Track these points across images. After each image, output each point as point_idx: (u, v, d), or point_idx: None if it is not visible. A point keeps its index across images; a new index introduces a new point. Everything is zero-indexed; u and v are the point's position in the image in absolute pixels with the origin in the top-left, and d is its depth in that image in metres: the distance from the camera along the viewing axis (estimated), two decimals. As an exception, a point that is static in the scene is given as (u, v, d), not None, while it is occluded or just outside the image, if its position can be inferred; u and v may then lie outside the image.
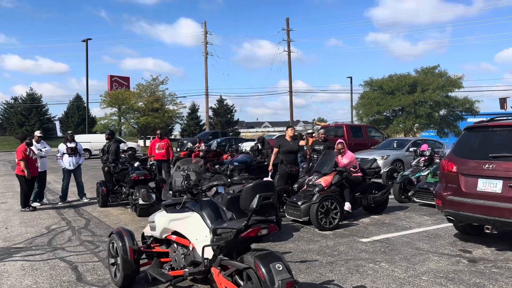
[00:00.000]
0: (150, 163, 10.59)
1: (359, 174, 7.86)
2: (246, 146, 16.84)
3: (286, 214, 7.42)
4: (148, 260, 4.74)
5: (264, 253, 3.39)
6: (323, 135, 8.84)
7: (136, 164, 9.70)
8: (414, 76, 28.33)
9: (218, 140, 21.32)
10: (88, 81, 41.29)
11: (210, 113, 50.13)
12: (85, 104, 43.42)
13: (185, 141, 24.97)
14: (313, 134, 13.26)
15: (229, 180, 6.50)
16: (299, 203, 7.11)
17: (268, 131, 63.88)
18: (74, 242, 6.55)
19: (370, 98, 28.20)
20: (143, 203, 8.15)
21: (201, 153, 19.63)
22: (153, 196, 8.26)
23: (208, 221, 3.98)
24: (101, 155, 10.47)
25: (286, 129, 8.57)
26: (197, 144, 20.47)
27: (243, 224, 3.36)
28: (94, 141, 28.63)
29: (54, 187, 13.51)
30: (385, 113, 28.88)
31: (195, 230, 4.06)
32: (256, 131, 70.32)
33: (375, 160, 8.51)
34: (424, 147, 11.87)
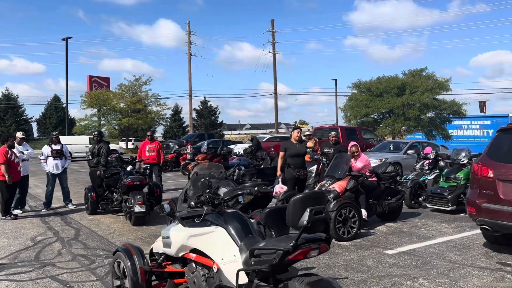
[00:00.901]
0: (144, 166, 9.84)
1: (374, 178, 7.34)
2: (239, 149, 16.20)
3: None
4: (158, 282, 4.08)
5: (315, 280, 2.79)
6: (334, 138, 8.28)
7: (128, 168, 8.97)
8: (402, 78, 28.19)
9: (206, 142, 20.60)
10: (68, 81, 39.90)
11: (194, 114, 49.22)
12: (64, 105, 42.01)
13: (171, 144, 24.13)
14: (311, 136, 12.70)
15: (240, 186, 5.90)
16: (313, 211, 6.53)
17: (257, 133, 63.37)
18: (65, 256, 5.81)
19: (358, 100, 27.92)
20: (140, 211, 7.45)
21: (188, 156, 18.92)
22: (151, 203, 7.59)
23: (237, 238, 3.38)
24: (89, 157, 9.68)
25: (292, 131, 8.00)
26: (185, 146, 19.77)
27: (291, 244, 2.76)
28: (74, 143, 27.48)
29: (35, 193, 12.62)
30: (373, 115, 28.64)
31: (220, 248, 3.44)
32: (239, 133, 69.65)
33: (389, 164, 8.01)
34: (428, 149, 11.48)
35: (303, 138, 7.95)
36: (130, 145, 39.85)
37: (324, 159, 8.21)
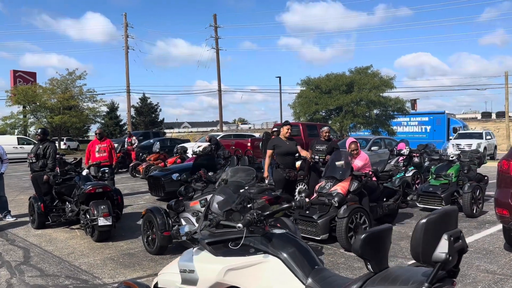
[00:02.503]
0: (102, 170, 8.44)
1: (373, 179, 6.68)
2: (197, 148, 15.04)
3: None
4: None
5: None
6: (327, 133, 7.49)
7: (84, 172, 7.59)
8: (350, 76, 28.40)
9: (154, 141, 19.12)
10: (-11, 75, 35.93)
11: (132, 112, 46.69)
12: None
13: (115, 144, 22.22)
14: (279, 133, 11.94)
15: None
16: (315, 217, 5.72)
17: (198, 131, 61.79)
18: (19, 290, 4.49)
19: (308, 97, 27.70)
20: (105, 224, 6.18)
21: (135, 148, 17.21)
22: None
23: (300, 272, 2.45)
24: (32, 160, 8.09)
25: (282, 127, 7.13)
26: (127, 138, 17.87)
27: (425, 286, 1.89)
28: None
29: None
30: (321, 112, 28.58)
31: (278, 287, 2.49)
32: (179, 132, 67.59)
33: (387, 162, 7.40)
34: (402, 146, 11.16)
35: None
36: (62, 145, 36.72)
37: (316, 157, 7.41)
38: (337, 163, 6.14)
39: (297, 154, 7.14)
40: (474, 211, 7.50)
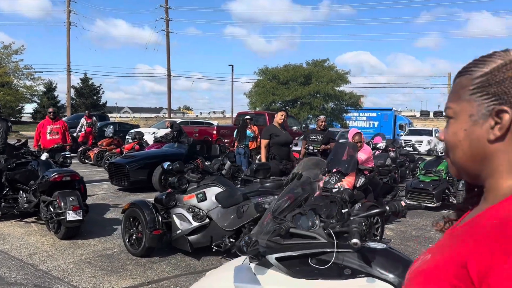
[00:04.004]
0: (63, 154, 7.26)
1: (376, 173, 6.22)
2: (157, 134, 13.96)
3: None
4: None
5: None
6: (323, 123, 6.86)
7: (43, 157, 6.45)
8: (307, 68, 28.26)
9: (108, 124, 17.65)
10: None
11: (72, 93, 43.61)
12: None
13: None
14: (251, 121, 11.28)
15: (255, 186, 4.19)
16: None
17: (141, 117, 59.44)
18: (-25, 305, 3.49)
19: (265, 87, 27.19)
20: (75, 219, 5.19)
21: (96, 131, 15.30)
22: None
23: None
24: (-25, 140, 6.82)
25: (276, 113, 6.47)
26: (86, 118, 15.72)
27: None
28: None
29: None
30: (277, 103, 28.23)
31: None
32: (120, 117, 64.53)
33: (387, 156, 6.98)
34: (378, 139, 10.90)
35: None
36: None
37: (310, 148, 6.78)
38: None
39: (291, 145, 6.53)
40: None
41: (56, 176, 5.49)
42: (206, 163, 5.09)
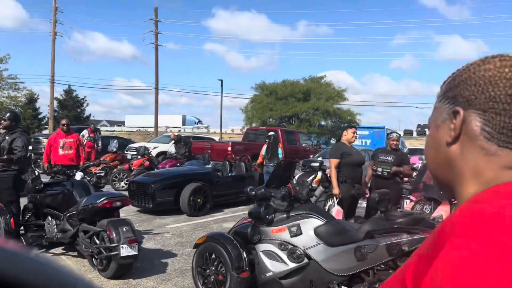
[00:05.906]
0: (98, 173, 6.30)
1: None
2: (167, 149, 13.01)
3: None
4: None
5: None
6: (395, 142, 5.99)
7: (78, 176, 5.49)
8: (305, 84, 27.83)
9: (112, 139, 16.58)
10: None
11: (55, 105, 41.99)
12: None
13: (43, 138, 19.01)
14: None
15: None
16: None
17: (135, 131, 57.75)
18: None
19: (262, 102, 26.54)
20: (130, 254, 4.27)
21: (99, 146, 13.70)
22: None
23: None
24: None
25: (346, 130, 5.71)
26: (88, 131, 14.18)
27: None
28: None
29: None
30: (275, 119, 27.61)
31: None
32: (104, 130, 62.64)
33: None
34: (415, 160, 10.34)
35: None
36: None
37: (379, 169, 5.93)
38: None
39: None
40: None
41: (106, 201, 4.55)
42: (297, 188, 4.25)
